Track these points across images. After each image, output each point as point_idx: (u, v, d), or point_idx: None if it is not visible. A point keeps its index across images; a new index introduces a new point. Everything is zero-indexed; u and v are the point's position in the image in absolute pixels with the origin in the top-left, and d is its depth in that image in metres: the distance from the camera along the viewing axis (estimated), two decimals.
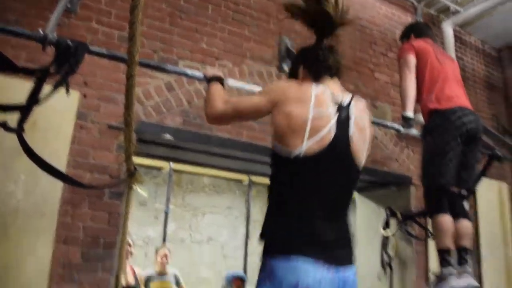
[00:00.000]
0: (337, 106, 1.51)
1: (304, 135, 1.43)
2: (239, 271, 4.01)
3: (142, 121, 2.66)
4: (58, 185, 2.39)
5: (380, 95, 3.90)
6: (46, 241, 2.34)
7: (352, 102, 1.55)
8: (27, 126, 1.81)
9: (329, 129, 1.46)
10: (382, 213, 3.93)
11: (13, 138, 1.79)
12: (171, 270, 5.03)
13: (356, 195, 4.44)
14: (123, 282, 3.96)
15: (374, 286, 3.95)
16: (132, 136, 1.92)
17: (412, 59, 2.85)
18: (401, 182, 3.88)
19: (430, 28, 3.23)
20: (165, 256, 4.89)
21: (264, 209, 1.55)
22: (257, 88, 2.17)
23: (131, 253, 4.17)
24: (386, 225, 3.90)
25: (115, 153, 2.61)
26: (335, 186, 1.51)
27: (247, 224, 7.83)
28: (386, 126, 3.01)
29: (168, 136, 2.71)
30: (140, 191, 2.62)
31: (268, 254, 1.46)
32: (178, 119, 2.78)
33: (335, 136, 1.47)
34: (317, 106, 1.47)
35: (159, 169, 7.22)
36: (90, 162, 2.55)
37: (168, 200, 7.04)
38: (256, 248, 8.20)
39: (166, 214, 6.96)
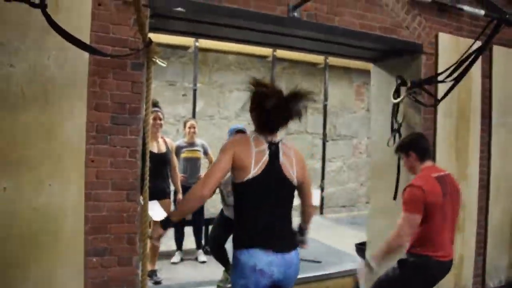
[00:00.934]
0: (268, 144, 2.28)
1: (251, 166, 2.21)
2: (240, 125, 4.38)
3: None
4: (85, 58, 2.66)
5: None
6: (80, 107, 2.67)
7: (280, 141, 2.34)
8: (50, 8, 2.06)
9: (265, 159, 2.24)
10: (394, 82, 4.08)
11: (42, 18, 2.05)
12: (199, 140, 5.47)
13: (371, 66, 4.56)
14: (155, 149, 4.45)
15: (385, 151, 4.20)
16: (140, 8, 2.11)
17: (418, 219, 2.75)
18: (412, 50, 3.94)
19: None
20: (193, 126, 5.29)
21: (289, 85, 2.37)
22: None
23: (161, 125, 4.55)
24: (397, 93, 4.08)
25: (132, 28, 2.81)
26: (275, 195, 2.28)
27: None
28: None
29: (179, 9, 2.88)
30: (159, 61, 2.85)
31: (235, 248, 2.29)
32: None
33: (270, 162, 2.25)
34: (256, 146, 2.26)
35: (185, 48, 7.42)
36: (111, 36, 2.77)
37: (195, 78, 7.34)
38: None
39: (194, 91, 7.31)
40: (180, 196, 4.88)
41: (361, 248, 4.81)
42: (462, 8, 3.15)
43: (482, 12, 3.25)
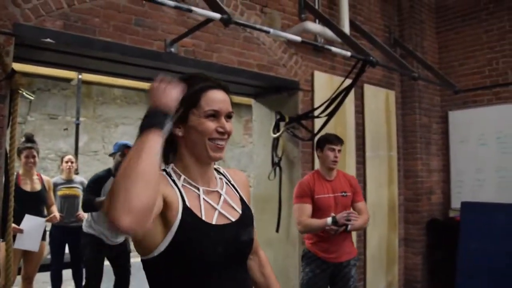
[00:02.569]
0: None
1: None
2: (127, 141, 4.28)
3: (19, 23, 2.66)
4: None
5: (269, 2, 4.04)
6: None
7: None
8: None
9: None
10: (274, 118, 4.27)
11: None
12: (78, 177, 5.19)
13: (252, 102, 4.71)
14: (28, 188, 4.14)
15: (266, 185, 4.33)
16: None
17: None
18: (289, 87, 4.15)
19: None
20: (70, 161, 5.01)
21: None
22: None
23: (34, 163, 4.27)
24: (276, 128, 4.25)
25: None
26: None
27: None
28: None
29: (49, 40, 2.74)
30: (25, 94, 2.68)
31: None
32: (58, 22, 2.80)
33: None
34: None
35: (68, 80, 7.08)
36: None
37: (78, 111, 7.01)
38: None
39: (77, 125, 6.96)
40: None
41: None
42: (330, 49, 3.40)
43: (349, 53, 3.53)
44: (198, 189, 1.27)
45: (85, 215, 4.39)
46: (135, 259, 7.47)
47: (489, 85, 5.30)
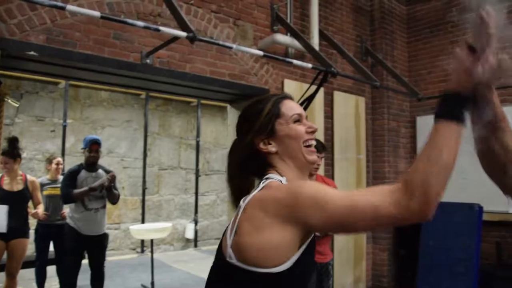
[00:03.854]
0: None
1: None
2: (96, 136, 4.53)
3: (5, 38, 2.93)
4: None
5: (242, 15, 4.34)
6: None
7: None
8: None
9: None
10: None
11: None
12: (62, 178, 5.44)
13: (228, 107, 5.01)
14: (8, 187, 4.41)
15: None
16: None
17: None
18: (260, 94, 4.45)
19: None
20: (60, 163, 5.28)
21: (162, 122, 1.89)
22: None
23: (9, 168, 4.49)
24: None
25: None
26: None
27: (145, 136, 8.31)
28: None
29: (32, 53, 3.02)
30: (11, 101, 2.95)
31: None
32: (41, 36, 3.08)
33: None
34: None
35: (55, 83, 7.34)
36: None
37: (65, 113, 7.28)
38: (154, 159, 8.75)
39: (64, 127, 7.23)
40: None
41: None
42: (291, 62, 3.70)
43: (310, 65, 3.84)
44: None
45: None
46: (119, 257, 7.75)
47: None
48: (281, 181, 1.15)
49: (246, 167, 1.25)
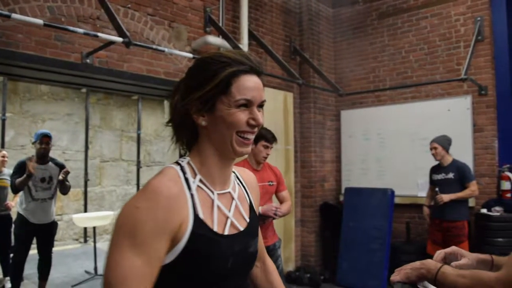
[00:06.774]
0: None
1: None
2: (46, 130, 4.80)
3: None
4: None
5: (177, 17, 4.71)
6: None
7: None
8: None
9: None
10: None
11: None
12: (6, 170, 5.60)
13: (165, 102, 5.37)
14: None
15: None
16: None
17: None
18: None
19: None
20: (6, 156, 5.44)
21: (104, 115, 2.20)
22: None
23: None
24: None
25: None
26: None
27: (86, 130, 8.48)
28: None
29: None
30: None
31: None
32: None
33: None
34: None
35: None
36: None
37: (4, 107, 7.32)
38: (96, 151, 8.91)
39: (3, 121, 7.28)
40: None
41: None
42: None
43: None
44: (213, 193, 1.12)
45: (13, 204, 4.88)
46: (63, 247, 7.91)
47: (371, 89, 6.30)
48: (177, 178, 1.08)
49: (179, 130, 1.16)
